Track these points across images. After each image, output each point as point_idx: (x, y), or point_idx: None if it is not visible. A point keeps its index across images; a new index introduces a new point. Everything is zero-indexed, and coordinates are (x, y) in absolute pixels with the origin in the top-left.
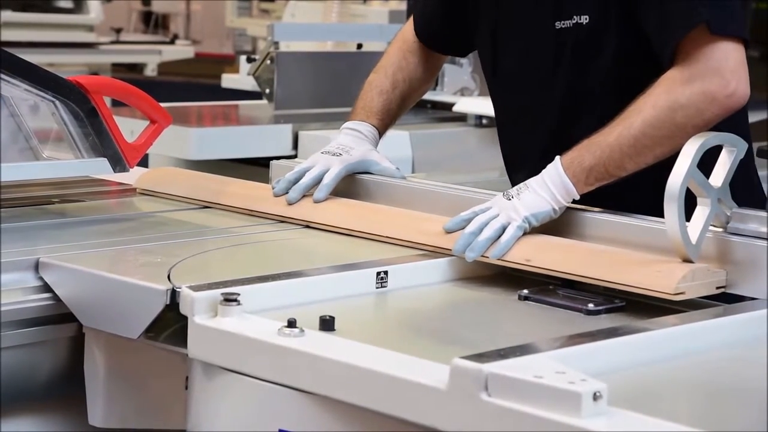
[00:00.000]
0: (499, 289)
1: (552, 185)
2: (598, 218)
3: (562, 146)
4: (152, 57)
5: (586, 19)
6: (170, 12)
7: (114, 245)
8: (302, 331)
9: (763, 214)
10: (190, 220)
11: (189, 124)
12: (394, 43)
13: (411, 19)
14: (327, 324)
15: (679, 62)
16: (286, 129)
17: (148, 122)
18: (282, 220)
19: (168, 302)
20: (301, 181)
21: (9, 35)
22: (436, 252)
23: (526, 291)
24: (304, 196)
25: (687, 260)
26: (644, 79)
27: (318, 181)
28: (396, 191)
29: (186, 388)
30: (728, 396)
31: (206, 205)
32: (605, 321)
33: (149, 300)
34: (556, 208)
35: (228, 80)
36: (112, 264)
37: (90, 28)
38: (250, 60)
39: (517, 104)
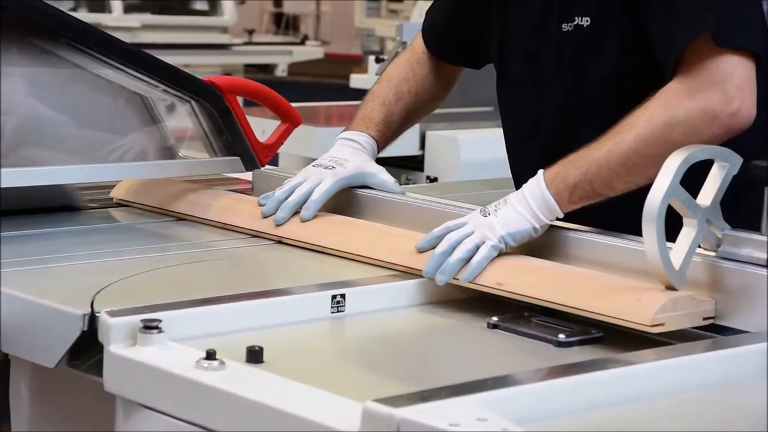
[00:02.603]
0: (469, 315)
1: (533, 202)
2: (583, 238)
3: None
4: (283, 57)
5: (587, 21)
6: (301, 13)
7: (57, 261)
8: (222, 363)
9: (758, 237)
10: (157, 234)
11: (318, 123)
12: (403, 54)
13: (421, 29)
14: (255, 355)
15: (681, 74)
16: (413, 129)
17: (278, 122)
18: (254, 234)
19: (85, 328)
20: (290, 199)
21: (148, 37)
22: (408, 273)
23: (495, 318)
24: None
25: (670, 287)
26: (649, 92)
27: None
28: (391, 207)
29: None
30: None
31: (181, 217)
32: (576, 354)
33: (66, 325)
34: (537, 226)
35: (356, 80)
36: (39, 284)
37: (224, 30)
38: (378, 60)
39: (521, 114)
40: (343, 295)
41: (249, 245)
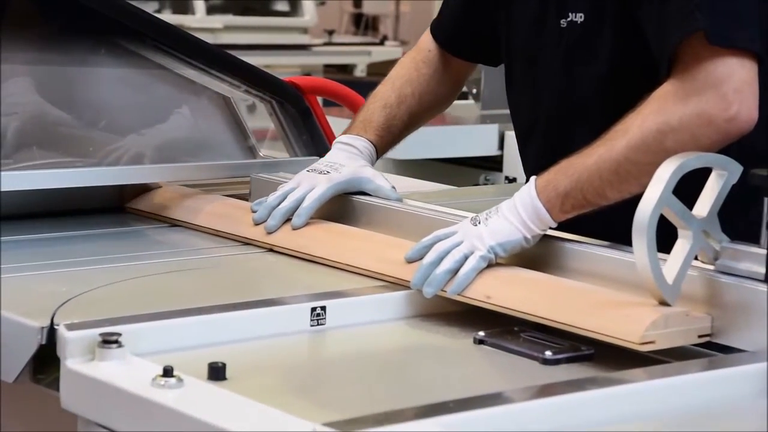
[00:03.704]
0: (457, 329)
1: (523, 211)
2: (578, 249)
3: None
4: (362, 58)
5: (581, 17)
6: (380, 13)
7: (31, 270)
8: (180, 380)
9: (757, 250)
10: (146, 240)
11: None
12: (409, 53)
13: (428, 28)
14: (216, 372)
15: (676, 76)
16: (493, 129)
17: None
18: (246, 242)
19: (44, 342)
20: (281, 206)
21: (230, 38)
22: (397, 284)
23: (482, 333)
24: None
25: (663, 303)
26: (645, 94)
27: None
28: (386, 215)
29: None
30: None
31: (175, 223)
32: (561, 372)
33: (24, 339)
34: (528, 236)
35: None
36: (6, 293)
37: (304, 31)
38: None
39: (522, 114)
40: (323, 308)
41: (239, 253)
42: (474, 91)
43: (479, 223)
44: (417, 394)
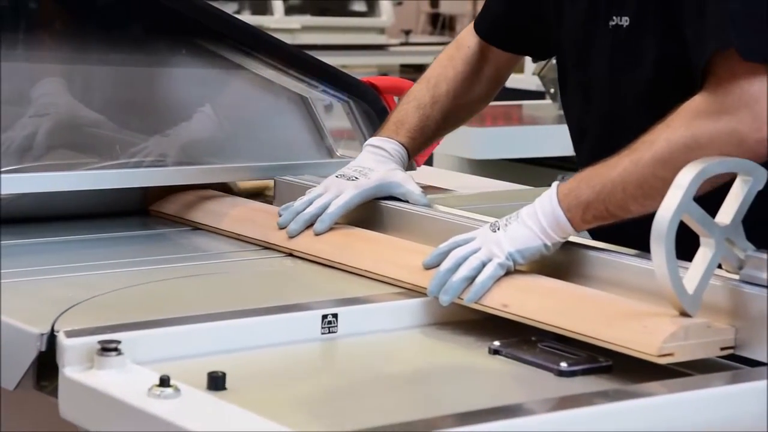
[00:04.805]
0: (473, 338)
1: (543, 217)
2: (601, 257)
3: None
4: None
5: (626, 21)
6: (457, 13)
7: (46, 274)
8: (177, 390)
9: None
10: (166, 244)
11: (471, 123)
12: (447, 50)
13: (470, 24)
14: (216, 382)
15: (709, 90)
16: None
17: None
18: (266, 246)
19: (43, 348)
20: (306, 211)
21: (308, 38)
22: (415, 291)
23: (497, 343)
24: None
25: (684, 313)
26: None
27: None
28: (413, 220)
29: None
30: None
31: (198, 227)
32: (576, 385)
33: (24, 345)
34: (548, 243)
35: (512, 80)
36: (10, 297)
37: (381, 31)
38: (535, 60)
39: (575, 118)
40: (335, 315)
41: (259, 257)
42: (551, 90)
43: (498, 228)
44: (425, 407)
